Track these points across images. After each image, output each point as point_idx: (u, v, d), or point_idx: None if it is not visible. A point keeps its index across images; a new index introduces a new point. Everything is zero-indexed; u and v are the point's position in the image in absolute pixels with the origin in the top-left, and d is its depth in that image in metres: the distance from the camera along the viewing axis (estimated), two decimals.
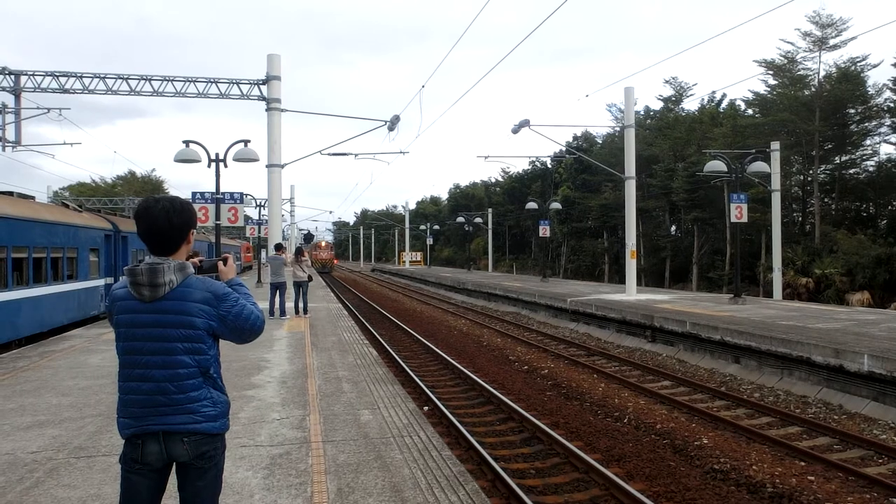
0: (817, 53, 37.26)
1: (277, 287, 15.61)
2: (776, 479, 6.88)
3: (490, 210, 59.43)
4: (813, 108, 36.13)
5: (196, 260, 2.67)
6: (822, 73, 37.43)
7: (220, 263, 2.76)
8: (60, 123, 22.67)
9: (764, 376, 11.76)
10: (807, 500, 6.35)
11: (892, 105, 35.88)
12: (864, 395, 9.79)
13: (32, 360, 9.79)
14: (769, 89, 40.82)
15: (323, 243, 72.38)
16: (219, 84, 18.64)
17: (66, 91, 18.13)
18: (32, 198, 15.63)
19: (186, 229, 2.57)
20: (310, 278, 16.58)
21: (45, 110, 20.37)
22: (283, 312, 15.64)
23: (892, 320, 14.22)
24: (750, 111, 43.55)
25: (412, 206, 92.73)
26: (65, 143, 27.41)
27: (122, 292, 2.53)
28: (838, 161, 39.06)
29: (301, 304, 16.17)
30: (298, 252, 16.65)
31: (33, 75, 18.22)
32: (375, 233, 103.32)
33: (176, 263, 2.50)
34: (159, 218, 2.51)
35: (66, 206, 17.84)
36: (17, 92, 18.61)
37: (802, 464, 7.44)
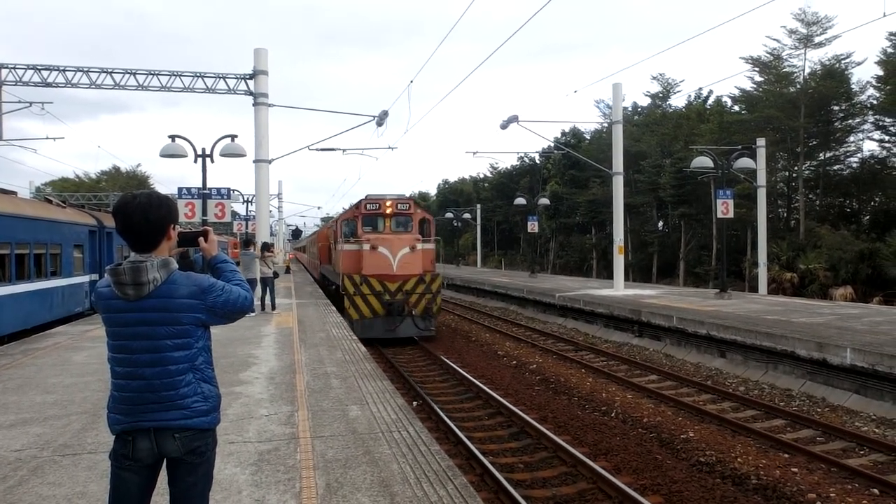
0: (803, 51, 37.59)
1: (248, 283, 15.40)
2: (760, 471, 6.97)
3: (479, 205, 59.46)
4: (798, 105, 36.47)
5: (174, 231, 2.61)
6: (808, 71, 37.79)
7: (201, 240, 2.72)
8: (43, 118, 22.32)
9: (749, 370, 11.89)
10: (790, 492, 6.44)
11: (875, 102, 36.30)
12: (846, 388, 9.93)
13: (15, 358, 9.67)
14: (755, 86, 41.12)
15: (388, 202, 16.93)
16: (205, 78, 18.46)
17: (48, 85, 17.86)
18: (14, 193, 15.40)
19: (164, 225, 2.53)
20: (275, 274, 16.12)
21: (27, 104, 20.05)
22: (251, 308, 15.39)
23: (874, 314, 14.43)
24: (736, 108, 43.85)
25: None
26: (48, 138, 26.84)
27: (106, 291, 2.49)
28: (823, 157, 39.45)
29: (268, 301, 15.76)
30: (265, 248, 16.37)
31: (14, 68, 17.92)
32: None
33: (159, 260, 2.47)
34: (135, 214, 2.47)
35: (50, 201, 17.61)
36: None
37: (786, 456, 7.55)
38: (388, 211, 16.90)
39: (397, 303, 15.61)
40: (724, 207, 19.25)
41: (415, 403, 9.90)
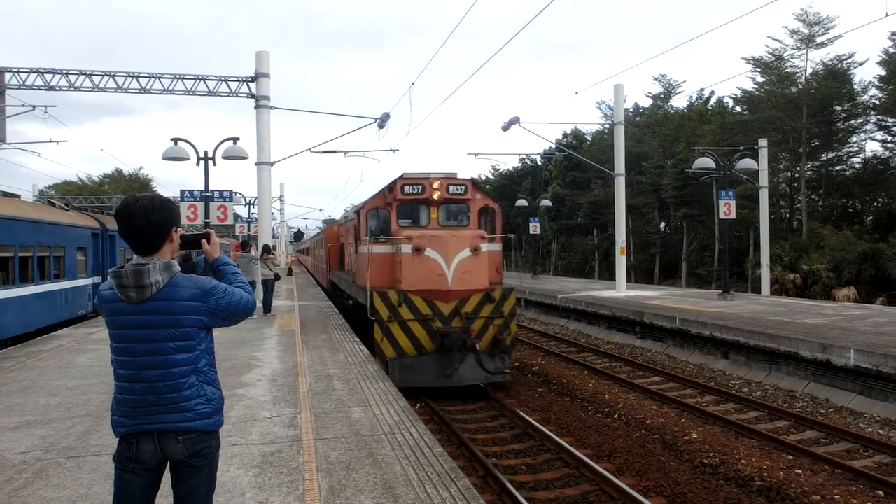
0: (804, 51, 37.55)
1: None
2: (764, 473, 6.95)
3: None
4: (800, 106, 36.42)
5: (176, 234, 2.62)
6: (810, 71, 37.73)
7: (204, 242, 2.73)
8: (46, 121, 22.42)
9: (752, 371, 11.87)
10: (794, 494, 6.42)
11: (877, 102, 36.23)
12: (850, 389, 9.90)
13: (19, 361, 9.69)
14: (757, 87, 41.07)
15: (435, 183, 11.57)
16: (207, 81, 18.50)
17: (51, 88, 17.92)
18: (18, 196, 15.46)
19: (166, 228, 2.53)
20: (276, 276, 16.27)
21: (31, 108, 20.11)
22: None
23: (877, 315, 14.39)
24: (738, 108, 43.82)
25: None
26: (51, 141, 27.07)
27: (109, 294, 2.50)
28: (825, 158, 39.38)
29: (267, 302, 15.76)
30: (265, 250, 16.47)
31: (18, 72, 17.98)
32: None
33: (161, 263, 2.48)
34: (138, 217, 2.47)
35: (53, 204, 17.66)
36: (1, 89, 18.37)
37: (790, 457, 7.53)
38: (436, 195, 11.49)
39: (455, 333, 10.31)
40: (727, 208, 19.23)
41: (417, 405, 9.89)
